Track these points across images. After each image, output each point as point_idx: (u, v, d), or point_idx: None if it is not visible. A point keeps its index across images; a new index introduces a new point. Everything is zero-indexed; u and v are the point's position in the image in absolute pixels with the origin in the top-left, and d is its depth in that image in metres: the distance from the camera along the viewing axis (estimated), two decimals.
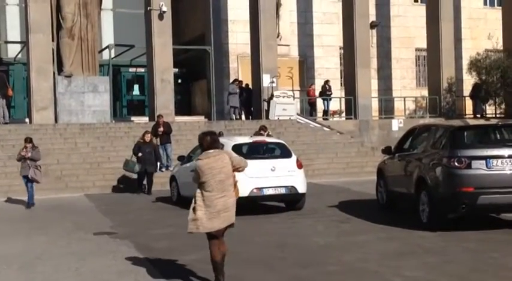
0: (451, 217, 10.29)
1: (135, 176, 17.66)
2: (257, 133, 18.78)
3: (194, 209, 6.96)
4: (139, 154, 16.98)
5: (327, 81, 27.92)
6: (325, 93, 27.60)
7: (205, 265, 8.31)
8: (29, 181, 14.79)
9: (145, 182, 17.36)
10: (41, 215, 13.72)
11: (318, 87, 28.60)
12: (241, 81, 26.85)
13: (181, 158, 15.39)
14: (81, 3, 23.45)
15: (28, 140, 14.85)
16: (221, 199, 6.94)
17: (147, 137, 17.36)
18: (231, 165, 7.06)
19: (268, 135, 18.32)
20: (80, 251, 9.50)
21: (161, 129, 19.40)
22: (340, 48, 29.76)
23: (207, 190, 6.94)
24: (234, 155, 7.66)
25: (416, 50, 32.16)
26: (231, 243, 9.75)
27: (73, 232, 11.32)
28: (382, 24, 31.14)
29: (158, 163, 17.85)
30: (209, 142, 7.12)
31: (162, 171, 18.59)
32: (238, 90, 25.70)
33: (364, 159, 21.94)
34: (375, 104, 28.43)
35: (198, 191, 7.04)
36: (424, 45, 30.39)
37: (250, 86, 26.83)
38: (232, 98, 25.62)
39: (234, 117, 25.72)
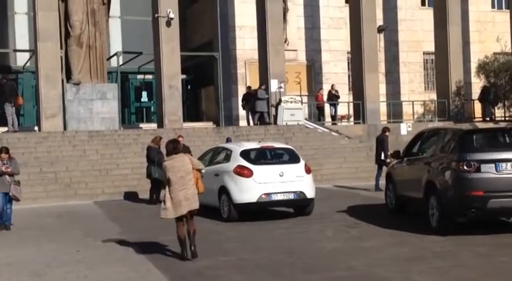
0: (461, 221, 10.24)
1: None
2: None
3: (164, 201, 9.01)
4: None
5: (332, 86, 27.93)
6: (332, 98, 27.58)
7: (215, 272, 8.31)
8: (9, 199, 12.62)
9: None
10: (50, 223, 13.75)
11: (326, 92, 28.58)
12: (250, 87, 26.85)
13: None
14: (89, 11, 23.56)
15: (4, 150, 12.66)
16: (182, 191, 8.92)
17: (161, 143, 16.25)
18: (190, 165, 9.08)
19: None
20: (89, 258, 9.51)
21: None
22: (347, 53, 29.75)
23: (171, 185, 8.90)
24: (193, 158, 9.71)
25: (424, 53, 32.09)
26: (239, 249, 9.78)
27: (82, 239, 11.33)
28: (389, 28, 31.09)
29: None
30: (171, 148, 9.11)
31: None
32: (267, 96, 25.21)
33: (372, 164, 21.83)
34: (383, 108, 28.37)
35: (167, 186, 8.96)
36: (432, 48, 30.33)
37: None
38: (261, 103, 25.04)
39: (267, 120, 25.09)
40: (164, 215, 9.05)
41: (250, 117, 26.60)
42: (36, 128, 23.98)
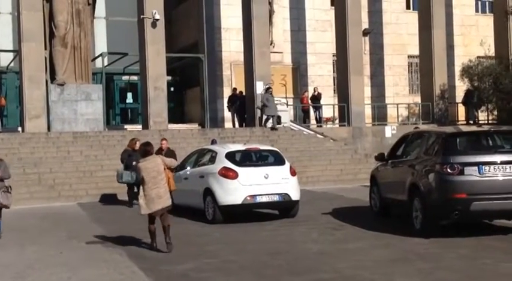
0: (444, 223, 10.31)
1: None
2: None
3: (139, 199, 9.89)
4: (134, 163, 14.27)
5: (315, 89, 28.03)
6: (314, 101, 27.65)
7: (200, 274, 8.30)
8: None
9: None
10: (33, 224, 13.65)
11: (311, 95, 28.66)
12: (235, 89, 26.86)
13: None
14: (74, 11, 23.44)
15: None
16: (155, 190, 9.67)
17: (137, 145, 15.43)
18: (162, 165, 9.82)
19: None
20: (73, 260, 9.45)
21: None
22: (333, 56, 29.85)
23: (145, 184, 9.70)
24: (166, 158, 10.42)
25: (408, 57, 32.29)
26: (224, 251, 9.77)
27: (66, 241, 11.26)
28: (374, 32, 31.26)
29: None
30: (145, 150, 9.96)
31: None
32: (273, 98, 24.66)
33: (357, 166, 21.97)
34: (368, 111, 28.48)
35: (141, 185, 9.78)
36: (416, 52, 30.54)
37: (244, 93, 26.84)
38: (268, 107, 24.23)
39: (275, 126, 24.17)
40: (140, 212, 10.01)
41: (236, 119, 26.63)
42: (19, 128, 23.83)
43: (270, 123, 24.23)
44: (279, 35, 29.62)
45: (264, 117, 24.64)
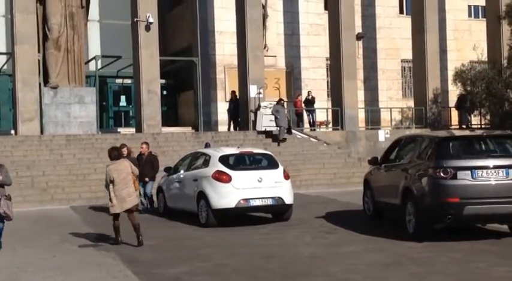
0: (437, 227, 10.33)
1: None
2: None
3: (110, 199, 10.61)
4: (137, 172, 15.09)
5: (309, 92, 28.05)
6: (307, 104, 27.68)
7: (193, 277, 8.29)
8: None
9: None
10: (26, 228, 13.59)
11: (305, 98, 28.68)
12: (234, 91, 26.82)
13: (168, 170, 15.34)
14: (67, 14, 23.40)
15: None
16: (125, 190, 10.56)
17: (124, 152, 14.81)
18: (130, 168, 10.72)
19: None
20: (66, 263, 9.43)
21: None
22: (326, 60, 29.90)
23: (116, 185, 10.52)
24: (132, 164, 11.09)
25: (402, 61, 32.40)
26: (218, 254, 9.77)
27: (58, 244, 11.23)
28: (368, 36, 31.35)
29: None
30: (115, 154, 10.86)
31: (140, 210, 14.76)
32: (284, 110, 24.08)
33: (351, 170, 22.00)
34: (361, 115, 28.55)
35: (111, 186, 10.55)
36: (409, 56, 30.64)
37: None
38: (278, 119, 23.45)
39: (283, 137, 23.48)
40: (113, 211, 10.67)
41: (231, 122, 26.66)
42: (12, 131, 23.74)
43: (282, 135, 23.45)
44: (273, 38, 29.66)
45: (275, 128, 23.88)
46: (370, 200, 12.92)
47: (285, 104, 26.67)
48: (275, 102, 24.51)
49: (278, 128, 23.49)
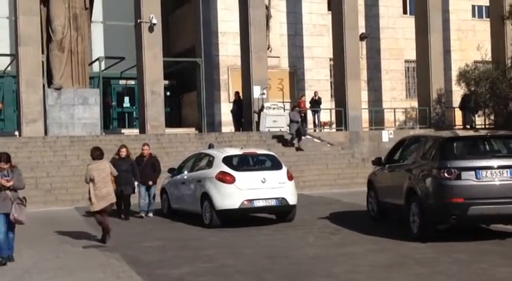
0: (442, 228, 10.31)
1: None
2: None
3: (89, 197, 11.08)
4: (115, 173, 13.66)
5: (315, 93, 28.03)
6: (314, 105, 27.67)
7: (197, 278, 8.29)
8: (10, 223, 9.52)
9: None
10: (30, 229, 13.58)
11: (308, 99, 28.67)
12: (237, 92, 26.82)
13: (172, 171, 15.33)
14: (71, 16, 23.44)
15: (4, 157, 9.48)
16: (105, 189, 11.06)
17: (122, 152, 14.56)
18: (109, 169, 11.32)
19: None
20: (70, 264, 9.43)
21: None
22: (330, 60, 29.90)
23: (96, 183, 10.99)
24: (111, 165, 11.70)
25: (405, 61, 32.36)
26: (221, 255, 9.76)
27: (62, 245, 11.24)
28: (371, 36, 31.32)
29: (135, 183, 14.50)
30: (97, 154, 11.39)
31: (142, 216, 14.83)
32: (299, 119, 23.58)
33: (354, 170, 21.97)
34: (365, 115, 28.53)
35: (91, 184, 11.02)
36: (413, 56, 30.61)
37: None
38: (293, 125, 23.31)
39: (297, 144, 23.25)
40: (93, 209, 11.14)
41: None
42: (16, 133, 23.78)
43: (296, 143, 23.28)
44: (276, 39, 29.66)
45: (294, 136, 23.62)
46: (374, 200, 12.90)
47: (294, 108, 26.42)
48: (295, 110, 24.13)
49: (292, 135, 23.22)
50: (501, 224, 10.83)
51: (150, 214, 14.93)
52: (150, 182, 14.95)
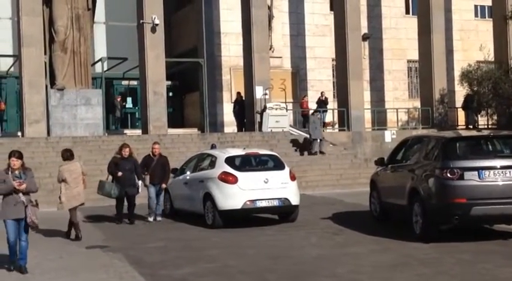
0: (444, 228, 10.30)
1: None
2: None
3: (60, 197, 11.67)
4: (119, 173, 13.54)
5: (322, 93, 28.00)
6: (320, 105, 27.66)
7: (200, 278, 8.29)
8: (24, 227, 8.90)
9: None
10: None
11: (310, 99, 28.69)
12: (239, 93, 26.83)
13: (174, 171, 15.33)
14: (73, 16, 23.47)
15: (16, 154, 8.92)
16: (76, 189, 11.57)
17: (126, 152, 13.77)
18: (80, 169, 11.80)
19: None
20: (73, 265, 9.45)
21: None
22: (332, 60, 29.88)
23: (68, 183, 11.52)
24: (83, 165, 12.39)
25: (408, 61, 32.34)
26: (224, 256, 9.77)
27: (65, 246, 11.25)
28: (374, 36, 31.31)
29: (140, 182, 13.89)
30: (67, 155, 11.73)
31: (150, 221, 14.14)
32: (319, 123, 23.56)
33: (357, 170, 21.96)
34: (367, 115, 28.51)
35: (63, 184, 11.60)
36: (415, 56, 30.58)
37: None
38: (317, 131, 23.20)
39: (317, 150, 22.98)
40: (61, 208, 11.72)
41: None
42: (19, 133, 23.82)
43: (316, 147, 23.01)
44: (279, 39, 29.66)
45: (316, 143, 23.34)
46: (376, 201, 12.89)
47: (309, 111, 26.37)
48: (315, 115, 23.87)
49: (313, 141, 23.02)
50: (504, 225, 10.81)
51: (159, 218, 14.19)
52: (164, 185, 14.27)
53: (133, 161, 13.99)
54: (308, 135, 23.61)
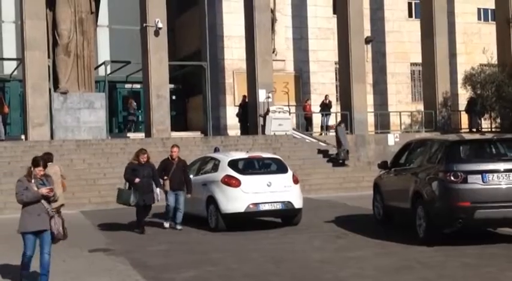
0: (448, 231, 10.28)
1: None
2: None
3: None
4: (137, 180, 12.64)
5: (326, 96, 27.99)
6: (324, 108, 27.65)
7: None
8: (49, 242, 8.08)
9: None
10: None
11: (313, 102, 28.69)
12: (245, 96, 26.84)
13: None
14: (77, 20, 23.53)
15: (42, 162, 8.17)
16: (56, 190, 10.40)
17: (144, 158, 12.85)
18: (59, 171, 12.16)
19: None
20: (75, 268, 9.45)
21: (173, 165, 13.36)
22: (335, 64, 29.89)
23: None
24: (62, 168, 12.74)
25: (411, 64, 32.32)
26: (227, 259, 9.76)
27: (68, 249, 11.22)
28: (377, 40, 31.29)
29: (158, 190, 12.99)
30: (46, 158, 10.69)
31: (166, 227, 13.45)
32: (345, 132, 23.36)
33: (360, 174, 21.93)
34: (370, 118, 28.50)
35: None
36: (419, 60, 30.56)
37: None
38: (346, 141, 23.06)
39: (346, 158, 22.71)
40: None
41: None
42: (23, 136, 23.85)
43: (344, 157, 22.74)
44: (282, 43, 29.68)
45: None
46: (380, 204, 12.87)
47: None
48: (341, 126, 23.62)
49: (341, 150, 22.67)
50: (508, 228, 10.79)
51: (179, 227, 13.18)
52: (189, 195, 13.29)
53: (151, 167, 13.05)
54: (335, 147, 23.09)
